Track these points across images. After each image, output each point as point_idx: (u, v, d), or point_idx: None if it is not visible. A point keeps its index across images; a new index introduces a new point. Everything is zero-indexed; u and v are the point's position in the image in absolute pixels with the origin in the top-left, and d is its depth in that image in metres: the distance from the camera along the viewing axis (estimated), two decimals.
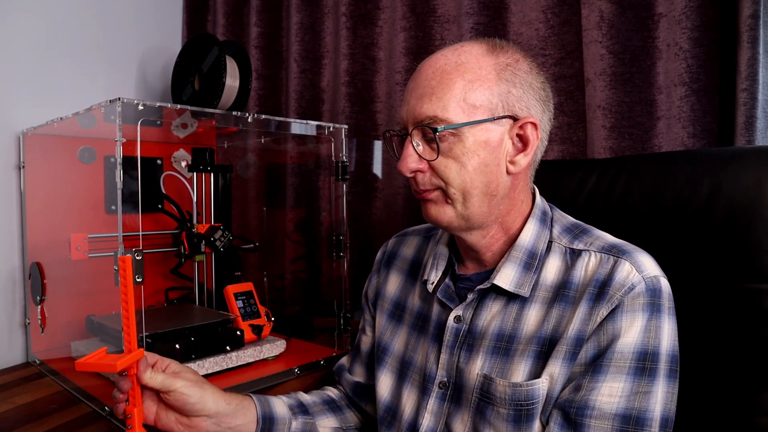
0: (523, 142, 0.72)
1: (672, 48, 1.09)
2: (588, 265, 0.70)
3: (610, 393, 0.64)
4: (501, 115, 0.69)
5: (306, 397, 0.91)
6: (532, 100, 0.71)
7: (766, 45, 0.98)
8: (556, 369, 0.67)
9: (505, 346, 0.71)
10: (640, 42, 1.12)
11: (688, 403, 0.80)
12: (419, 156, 0.71)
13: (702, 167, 0.83)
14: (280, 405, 0.85)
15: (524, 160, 0.72)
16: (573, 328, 0.67)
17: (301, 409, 0.88)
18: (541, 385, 0.67)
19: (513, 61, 0.71)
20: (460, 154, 0.69)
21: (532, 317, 0.70)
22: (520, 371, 0.69)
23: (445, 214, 0.73)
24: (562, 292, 0.70)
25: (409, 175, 0.72)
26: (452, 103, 0.68)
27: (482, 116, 0.69)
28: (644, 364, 0.64)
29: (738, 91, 0.98)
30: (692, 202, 0.81)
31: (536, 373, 0.68)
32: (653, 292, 0.65)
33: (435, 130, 0.68)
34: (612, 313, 0.65)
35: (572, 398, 0.65)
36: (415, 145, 0.71)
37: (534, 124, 0.71)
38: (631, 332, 0.64)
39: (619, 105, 1.13)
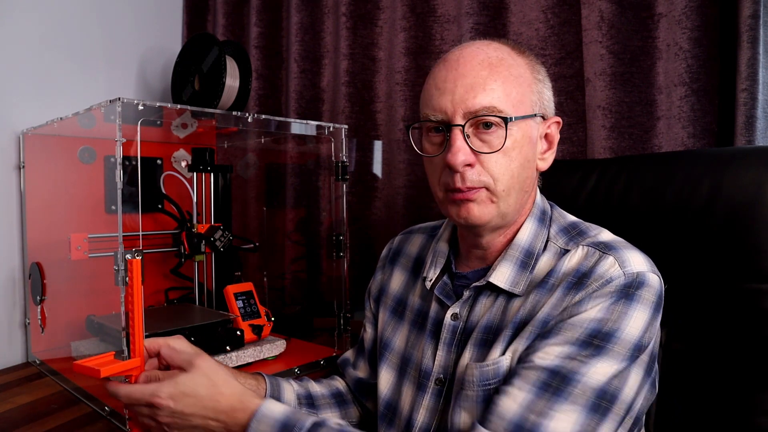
0: (548, 140, 0.74)
1: (672, 48, 1.09)
2: (573, 258, 0.70)
3: (548, 352, 0.63)
4: (538, 112, 0.71)
5: (315, 388, 0.92)
6: (551, 101, 0.75)
7: (766, 45, 0.98)
8: (519, 346, 0.67)
9: (490, 338, 0.71)
10: (640, 42, 1.12)
11: (688, 402, 0.81)
12: (471, 149, 0.68)
13: (702, 167, 0.83)
14: (289, 392, 0.87)
15: (551, 158, 0.75)
16: (543, 311, 0.67)
17: (308, 401, 0.89)
18: (505, 362, 0.67)
19: (536, 63, 0.74)
20: (510, 148, 0.68)
21: (515, 307, 0.71)
22: (494, 356, 0.69)
23: (488, 213, 0.70)
24: (544, 280, 0.70)
25: (460, 169, 0.68)
26: (504, 96, 0.68)
27: (526, 112, 0.69)
28: (593, 340, 0.62)
29: (738, 91, 0.98)
30: (692, 202, 0.81)
31: (503, 353, 0.69)
32: (630, 284, 0.65)
33: (506, 120, 0.67)
34: (581, 300, 0.65)
35: (520, 356, 0.67)
36: (465, 137, 0.68)
37: (558, 123, 0.74)
38: (592, 311, 0.64)
39: (619, 105, 1.13)
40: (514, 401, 0.62)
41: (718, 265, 0.79)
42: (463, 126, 0.68)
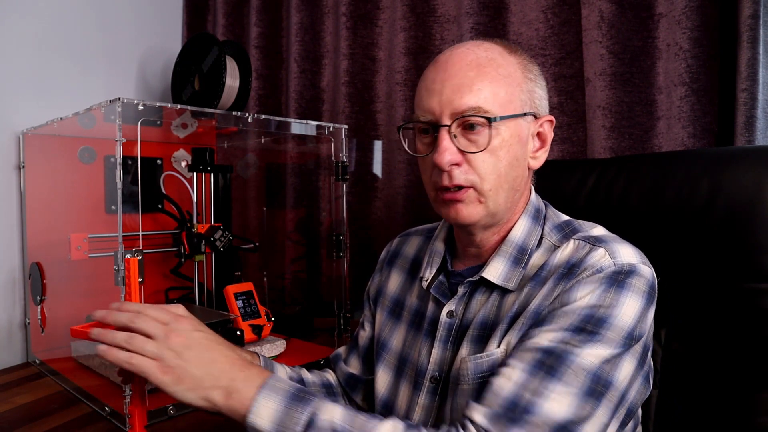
0: (541, 139, 0.74)
1: (672, 48, 1.09)
2: (564, 251, 0.71)
3: (542, 336, 0.64)
4: (529, 111, 0.72)
5: (307, 375, 0.92)
6: (544, 100, 0.74)
7: (766, 45, 0.98)
8: (512, 338, 0.67)
9: (486, 333, 0.72)
10: (640, 42, 1.12)
11: (688, 402, 0.81)
12: (457, 149, 0.69)
13: (702, 167, 0.83)
14: (281, 372, 0.87)
15: (543, 156, 0.75)
16: (535, 303, 0.68)
17: (300, 384, 0.89)
18: (498, 354, 0.68)
19: (528, 62, 0.74)
20: (497, 147, 0.69)
21: (509, 302, 0.72)
22: (489, 350, 0.69)
23: (477, 213, 0.71)
24: (537, 274, 0.71)
25: (447, 168, 0.70)
26: (491, 96, 0.69)
27: (515, 111, 0.70)
28: (586, 326, 0.63)
29: (738, 91, 0.98)
30: (692, 202, 0.81)
31: (498, 347, 0.69)
32: (620, 272, 0.65)
33: (490, 120, 0.68)
34: (572, 287, 0.66)
35: (514, 346, 0.67)
36: (452, 137, 0.69)
37: (551, 122, 0.74)
38: (585, 299, 0.64)
39: (619, 105, 1.13)
40: (508, 379, 0.62)
41: (718, 264, 0.79)
42: (450, 126, 0.69)
